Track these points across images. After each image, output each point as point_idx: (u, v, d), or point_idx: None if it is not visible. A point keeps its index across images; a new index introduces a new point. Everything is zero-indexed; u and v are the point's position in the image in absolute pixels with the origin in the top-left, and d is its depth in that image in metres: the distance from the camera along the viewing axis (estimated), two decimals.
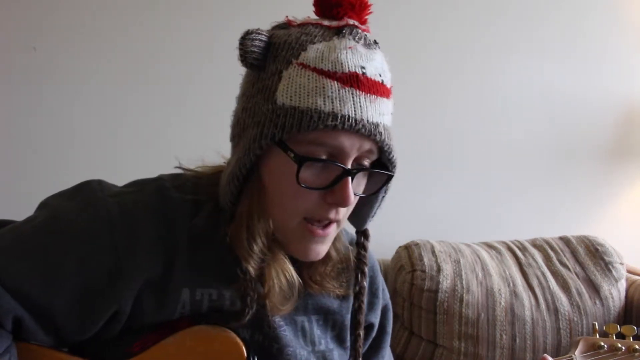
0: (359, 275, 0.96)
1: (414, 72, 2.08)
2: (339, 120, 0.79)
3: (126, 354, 0.89)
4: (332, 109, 0.80)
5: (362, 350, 1.01)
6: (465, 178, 2.15)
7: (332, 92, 0.80)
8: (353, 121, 0.80)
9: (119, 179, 0.96)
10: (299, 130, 0.80)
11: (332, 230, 0.88)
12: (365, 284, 0.98)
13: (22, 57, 1.84)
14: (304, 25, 0.87)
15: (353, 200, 0.84)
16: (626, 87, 2.25)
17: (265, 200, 0.86)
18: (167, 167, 0.97)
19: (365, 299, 1.01)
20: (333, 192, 0.83)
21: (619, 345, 1.04)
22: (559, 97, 2.21)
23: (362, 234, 0.98)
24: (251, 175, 0.85)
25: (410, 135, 2.05)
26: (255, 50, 0.83)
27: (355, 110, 0.81)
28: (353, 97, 0.81)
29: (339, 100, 0.80)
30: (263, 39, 0.84)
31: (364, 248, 0.97)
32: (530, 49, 2.18)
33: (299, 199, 0.84)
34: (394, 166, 0.88)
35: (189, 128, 1.91)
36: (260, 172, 0.85)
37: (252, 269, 0.86)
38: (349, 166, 0.83)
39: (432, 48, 2.11)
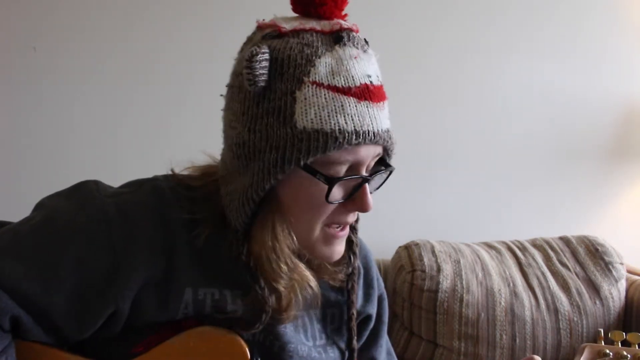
0: (351, 257, 0.98)
1: (414, 72, 2.08)
2: (361, 137, 0.81)
3: (129, 354, 0.89)
4: (354, 126, 0.81)
5: (357, 340, 1.02)
6: (465, 178, 2.15)
7: (350, 110, 0.81)
8: (372, 135, 0.82)
9: (119, 178, 0.96)
10: (324, 153, 0.80)
11: (348, 229, 0.91)
12: (357, 264, 0.99)
13: (22, 57, 1.84)
14: (297, 32, 0.85)
15: (372, 204, 0.86)
16: (626, 87, 2.25)
17: (287, 217, 0.86)
18: (167, 168, 0.97)
19: (359, 287, 1.03)
20: (354, 200, 0.85)
21: (625, 353, 1.02)
22: (559, 97, 2.21)
23: None
24: (267, 196, 0.84)
25: (410, 135, 2.05)
26: (264, 72, 0.82)
27: (372, 123, 0.82)
28: (369, 111, 0.82)
29: (358, 117, 0.81)
30: (267, 57, 0.82)
31: (354, 230, 0.99)
32: (530, 49, 2.17)
33: (322, 213, 0.86)
34: (391, 158, 0.91)
35: (189, 128, 1.91)
36: (277, 193, 0.85)
37: (283, 288, 0.87)
38: (364, 172, 0.86)
39: (432, 48, 2.11)
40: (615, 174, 2.27)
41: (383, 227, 1.96)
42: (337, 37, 0.84)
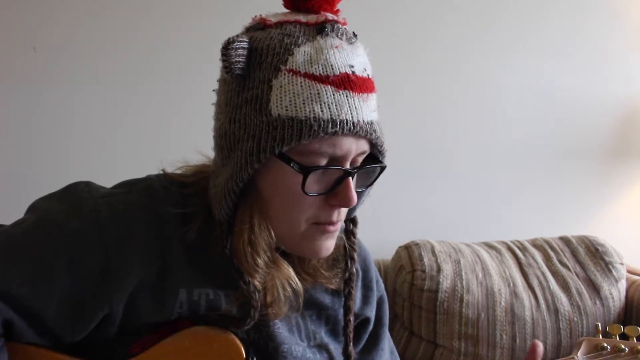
0: (349, 262, 0.97)
1: (414, 72, 2.08)
2: (338, 126, 0.79)
3: (125, 355, 0.89)
4: (331, 115, 0.79)
5: (353, 340, 1.01)
6: (465, 178, 2.15)
7: (327, 98, 0.79)
8: (351, 125, 0.80)
9: (118, 178, 0.96)
10: (299, 141, 0.79)
11: (339, 224, 0.89)
12: (355, 270, 0.98)
13: (22, 57, 1.84)
14: (281, 24, 0.84)
15: (356, 199, 0.84)
16: (626, 87, 2.25)
17: (266, 211, 0.85)
18: (165, 167, 0.97)
19: (357, 289, 1.02)
20: (336, 195, 0.84)
21: (622, 346, 1.04)
22: (559, 97, 2.21)
23: (351, 221, 0.98)
24: (247, 188, 0.84)
25: (410, 135, 2.05)
26: (240, 59, 0.81)
27: (351, 113, 0.80)
28: (348, 100, 0.80)
29: (335, 105, 0.79)
30: (245, 45, 0.82)
31: (353, 235, 0.97)
32: (530, 49, 2.18)
33: (302, 205, 0.84)
34: (384, 156, 0.89)
35: (189, 128, 1.91)
36: (256, 184, 0.84)
37: (258, 283, 0.86)
38: (348, 166, 0.84)
39: (432, 48, 2.11)
40: (615, 174, 2.27)
41: (383, 227, 1.96)
42: (320, 28, 0.83)
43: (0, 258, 0.84)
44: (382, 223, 1.97)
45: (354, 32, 0.87)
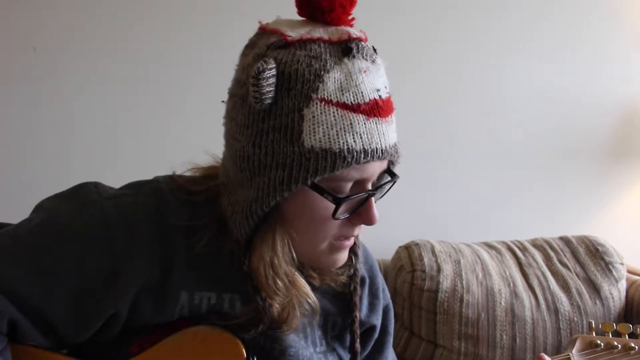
0: (352, 258, 0.97)
1: (415, 72, 2.08)
2: (369, 155, 0.79)
3: (125, 354, 0.89)
4: (363, 145, 0.79)
5: (361, 351, 1.01)
6: (465, 178, 2.15)
7: (359, 127, 0.79)
8: (380, 152, 0.81)
9: (119, 179, 0.96)
10: (332, 172, 0.78)
11: (354, 238, 0.91)
12: (359, 266, 0.99)
13: (22, 57, 1.84)
14: (304, 42, 0.82)
15: (378, 217, 0.86)
16: (626, 87, 2.25)
17: (289, 233, 0.85)
18: (167, 168, 0.97)
19: (364, 297, 1.02)
20: (359, 214, 0.85)
21: (615, 343, 1.07)
22: (559, 97, 2.21)
23: None
24: (271, 211, 0.83)
25: (410, 136, 2.03)
26: (271, 89, 0.79)
27: (380, 140, 0.81)
28: (377, 127, 0.81)
29: (367, 135, 0.80)
30: (274, 72, 0.79)
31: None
32: (530, 49, 2.18)
33: (328, 228, 0.85)
34: (395, 166, 0.90)
35: (190, 128, 1.91)
36: (281, 208, 0.83)
37: (278, 305, 0.87)
38: (370, 187, 0.85)
39: (432, 48, 2.11)
40: (615, 174, 2.27)
41: (383, 227, 1.95)
42: (346, 49, 0.82)
43: (6, 258, 0.84)
44: (382, 223, 1.96)
45: (373, 47, 0.86)
